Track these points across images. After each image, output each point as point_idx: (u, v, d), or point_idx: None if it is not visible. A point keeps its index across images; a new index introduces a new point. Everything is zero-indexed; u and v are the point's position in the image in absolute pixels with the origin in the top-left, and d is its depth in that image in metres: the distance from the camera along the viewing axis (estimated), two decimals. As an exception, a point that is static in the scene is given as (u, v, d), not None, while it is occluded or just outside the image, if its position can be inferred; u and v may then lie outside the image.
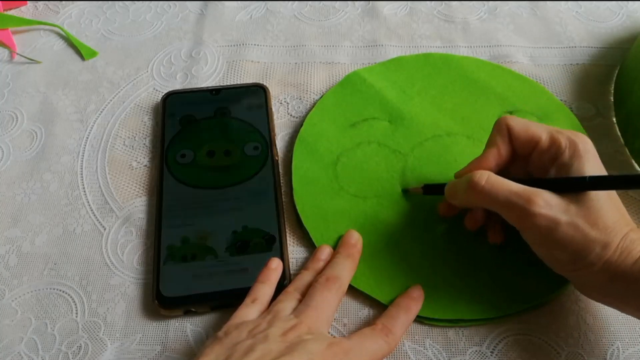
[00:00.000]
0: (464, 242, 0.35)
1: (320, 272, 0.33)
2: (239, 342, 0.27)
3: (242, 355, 0.26)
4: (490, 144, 0.33)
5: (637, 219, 0.37)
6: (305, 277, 0.33)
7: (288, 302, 0.31)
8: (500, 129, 0.32)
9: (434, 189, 0.35)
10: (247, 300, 0.31)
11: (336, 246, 0.35)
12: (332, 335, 0.32)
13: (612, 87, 0.44)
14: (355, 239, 0.35)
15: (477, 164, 0.33)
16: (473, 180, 0.30)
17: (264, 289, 0.32)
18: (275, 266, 0.33)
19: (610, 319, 0.32)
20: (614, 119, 0.42)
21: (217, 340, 0.28)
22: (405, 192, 0.37)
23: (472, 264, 0.34)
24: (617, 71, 0.44)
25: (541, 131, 0.31)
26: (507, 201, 0.29)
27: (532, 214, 0.28)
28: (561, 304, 0.33)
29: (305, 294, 0.31)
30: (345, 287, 0.32)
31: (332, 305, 0.31)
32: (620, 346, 0.31)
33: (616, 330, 0.32)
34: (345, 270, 0.33)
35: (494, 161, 0.32)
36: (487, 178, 0.30)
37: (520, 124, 0.32)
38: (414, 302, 0.32)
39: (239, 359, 0.26)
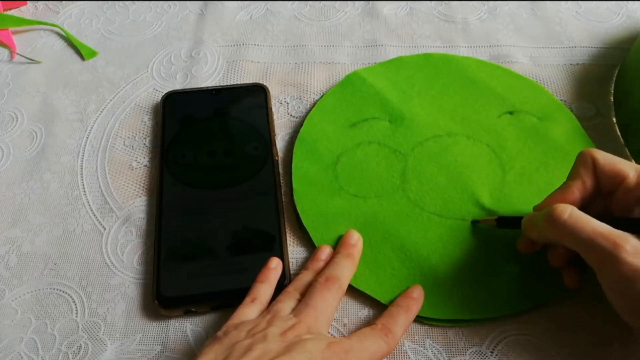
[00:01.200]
0: (464, 243, 0.35)
1: (320, 272, 0.33)
2: (238, 342, 0.27)
3: (241, 354, 0.26)
4: (573, 175, 0.31)
5: None
6: (305, 277, 0.33)
7: (287, 301, 0.31)
8: (585, 160, 0.30)
9: (509, 222, 0.33)
10: (247, 299, 0.31)
11: (336, 246, 0.35)
12: (332, 335, 0.32)
13: (612, 87, 0.44)
14: (355, 239, 0.35)
15: (559, 196, 0.30)
16: (554, 214, 0.28)
17: (264, 289, 0.32)
18: (274, 266, 0.33)
19: (610, 320, 0.32)
20: (614, 119, 0.42)
21: (216, 340, 0.28)
22: (475, 222, 0.35)
23: (472, 265, 0.34)
24: (617, 71, 0.44)
25: (629, 169, 0.29)
26: (590, 241, 0.27)
27: (617, 260, 0.26)
28: (561, 304, 0.33)
29: (305, 294, 0.31)
30: (345, 287, 0.32)
31: (331, 305, 0.31)
32: (619, 347, 0.31)
33: (616, 330, 0.32)
34: (345, 270, 0.33)
35: (578, 194, 0.30)
36: (570, 213, 0.28)
37: (608, 158, 0.30)
38: (414, 302, 0.32)
39: (238, 358, 0.26)
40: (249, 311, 0.30)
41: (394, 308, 0.32)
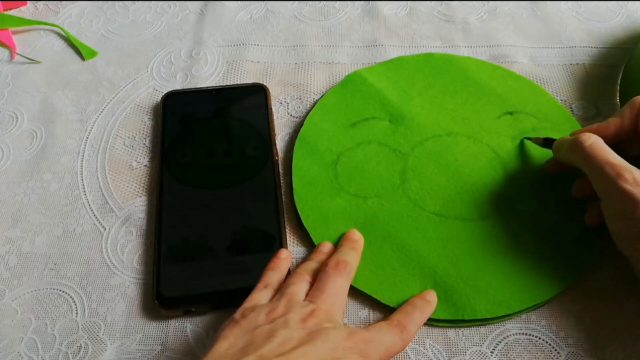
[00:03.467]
0: (463, 244, 0.35)
1: (326, 261, 0.32)
2: (258, 326, 0.27)
3: (263, 340, 0.26)
4: (616, 114, 0.34)
5: None
6: (312, 264, 0.32)
7: (300, 284, 0.31)
8: (633, 103, 0.33)
9: (550, 144, 0.36)
10: (259, 285, 0.31)
11: (337, 245, 0.35)
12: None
13: (613, 87, 0.44)
14: (357, 236, 0.35)
15: (596, 127, 0.34)
16: (579, 139, 0.32)
17: (275, 276, 0.32)
18: (285, 256, 0.33)
19: (610, 319, 0.32)
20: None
21: (234, 323, 0.28)
22: (526, 139, 0.39)
23: (471, 265, 0.34)
24: (621, 71, 0.44)
25: None
26: (599, 168, 0.30)
27: (616, 186, 0.29)
28: (561, 304, 0.33)
29: (314, 278, 0.31)
30: (354, 273, 0.32)
31: (344, 291, 0.31)
32: (619, 346, 0.31)
33: (616, 330, 0.32)
34: (352, 258, 0.33)
35: (613, 129, 0.33)
36: (593, 142, 0.31)
37: None
38: (429, 304, 0.32)
39: (261, 345, 0.26)
40: (263, 296, 0.30)
41: (410, 307, 0.32)
